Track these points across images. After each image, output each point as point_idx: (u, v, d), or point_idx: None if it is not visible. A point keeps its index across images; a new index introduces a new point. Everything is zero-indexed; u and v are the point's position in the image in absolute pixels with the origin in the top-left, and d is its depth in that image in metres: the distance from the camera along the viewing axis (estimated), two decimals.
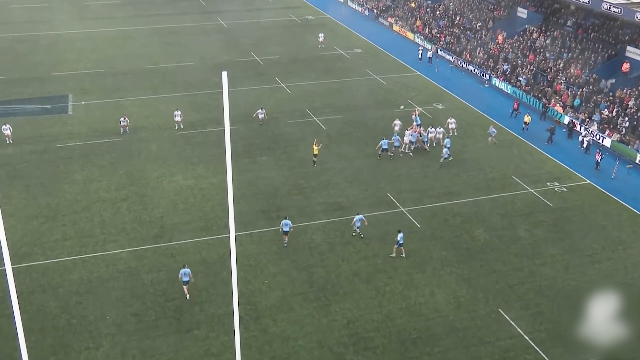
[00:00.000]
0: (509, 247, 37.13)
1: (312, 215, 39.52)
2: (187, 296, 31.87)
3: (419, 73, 66.62)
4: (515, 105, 56.19)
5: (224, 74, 16.24)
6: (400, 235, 35.47)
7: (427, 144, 48.62)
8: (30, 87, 60.03)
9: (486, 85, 64.19)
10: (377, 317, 31.23)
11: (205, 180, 43.65)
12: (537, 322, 31.10)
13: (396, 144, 46.92)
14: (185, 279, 31.83)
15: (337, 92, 60.47)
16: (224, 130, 17.07)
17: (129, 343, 29.14)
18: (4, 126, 47.10)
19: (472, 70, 67.16)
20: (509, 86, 61.69)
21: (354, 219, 37.02)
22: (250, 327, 30.24)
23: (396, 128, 49.01)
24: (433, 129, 49.27)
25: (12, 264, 16.53)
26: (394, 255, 35.53)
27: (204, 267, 34.52)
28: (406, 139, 47.74)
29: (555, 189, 43.56)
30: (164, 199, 41.01)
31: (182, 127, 50.50)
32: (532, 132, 51.79)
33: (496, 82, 63.44)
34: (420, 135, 48.64)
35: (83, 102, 56.62)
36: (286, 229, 35.88)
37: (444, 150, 45.88)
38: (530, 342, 29.75)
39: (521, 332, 30.33)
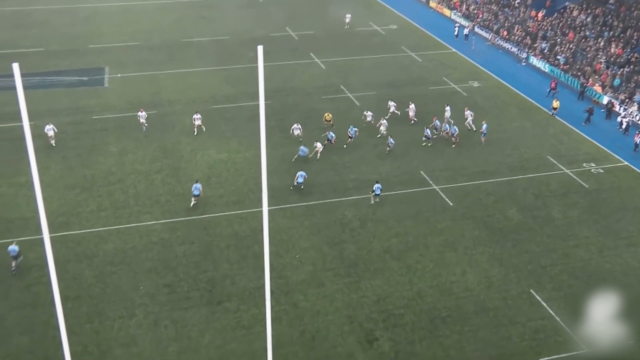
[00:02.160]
0: (543, 228, 36.53)
1: (344, 191, 39.35)
2: (192, 204, 36.24)
3: (455, 50, 65.47)
4: (553, 85, 54.89)
5: (260, 48, 16.01)
6: (376, 186, 37.33)
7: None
8: (68, 59, 60.61)
9: (523, 64, 62.82)
10: (407, 295, 31.10)
11: (239, 154, 43.73)
12: (569, 304, 30.63)
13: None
14: (196, 192, 36.36)
15: (371, 68, 59.79)
16: (259, 104, 16.89)
17: (161, 313, 29.55)
18: (47, 126, 43.22)
19: (510, 48, 65.75)
20: (547, 65, 60.27)
21: (374, 187, 37.65)
22: (281, 301, 30.38)
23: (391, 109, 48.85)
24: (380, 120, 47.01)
25: (49, 233, 16.71)
26: (372, 202, 37.74)
27: (236, 241, 34.72)
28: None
29: (592, 170, 42.63)
30: (197, 172, 41.23)
31: (204, 129, 45.81)
32: (569, 112, 50.57)
33: (534, 60, 62.03)
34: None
35: (119, 75, 57.02)
36: (300, 180, 38.57)
37: (389, 140, 43.85)
38: (562, 323, 29.36)
39: (552, 314, 29.94)
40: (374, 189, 37.73)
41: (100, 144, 44.65)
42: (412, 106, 48.73)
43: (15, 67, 14.69)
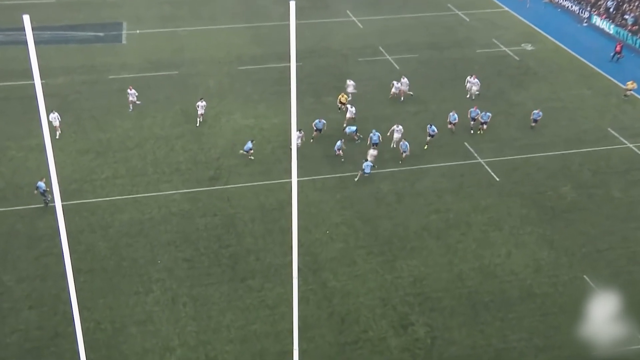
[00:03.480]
0: (600, 208, 35.88)
1: (380, 162, 39.06)
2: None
3: (507, 9, 64.08)
4: (618, 48, 53.41)
5: (292, 4, 15.74)
6: (366, 164, 36.83)
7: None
8: (82, 12, 60.93)
9: (585, 24, 61.24)
10: (446, 277, 30.95)
11: (266, 120, 43.69)
12: (628, 293, 30.13)
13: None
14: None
15: (413, 28, 58.92)
16: (289, 66, 16.69)
17: (180, 290, 29.90)
18: (52, 115, 40.53)
19: (570, 7, 64.13)
20: (612, 26, 58.63)
21: (363, 165, 37.21)
22: (309, 279, 30.51)
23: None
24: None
25: (61, 201, 16.88)
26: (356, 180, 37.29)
27: (262, 214, 34.85)
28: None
29: None
30: (221, 138, 41.34)
31: (201, 121, 42.98)
32: (636, 79, 49.18)
33: (597, 20, 60.41)
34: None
35: (138, 31, 57.20)
36: (367, 170, 37.22)
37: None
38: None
39: None
40: (363, 167, 37.02)
41: (117, 106, 44.95)
42: (404, 80, 46.16)
43: (26, 19, 14.69)
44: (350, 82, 45.95)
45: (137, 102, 44.48)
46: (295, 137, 17.35)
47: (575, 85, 49.35)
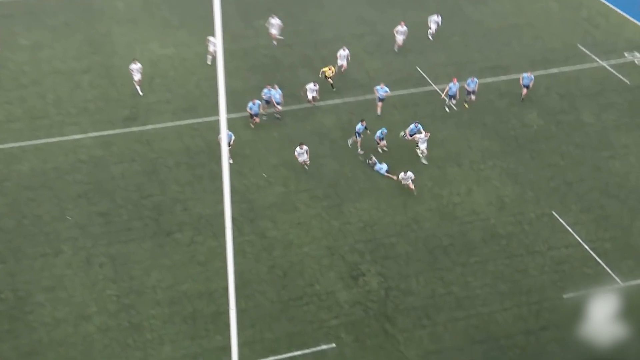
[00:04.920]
0: (570, 136, 36.61)
1: (321, 93, 38.79)
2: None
3: None
4: None
5: None
6: (359, 127, 34.55)
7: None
8: None
9: None
10: (400, 220, 31.26)
11: (188, 48, 42.81)
12: (600, 228, 31.05)
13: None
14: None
15: None
16: None
17: (95, 248, 29.43)
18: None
19: None
20: None
21: (356, 128, 34.99)
22: (245, 230, 30.40)
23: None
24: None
25: None
26: (361, 152, 34.84)
27: (188, 157, 34.45)
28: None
29: (635, 62, 42.44)
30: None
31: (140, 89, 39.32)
32: None
33: None
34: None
35: None
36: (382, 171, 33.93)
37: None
38: (591, 252, 29.81)
39: (580, 241, 30.36)
40: (356, 129, 35.18)
41: (6, 36, 43.33)
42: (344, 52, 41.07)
43: None
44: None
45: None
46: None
47: None
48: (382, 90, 36.95)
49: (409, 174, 32.14)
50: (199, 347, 25.40)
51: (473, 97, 38.27)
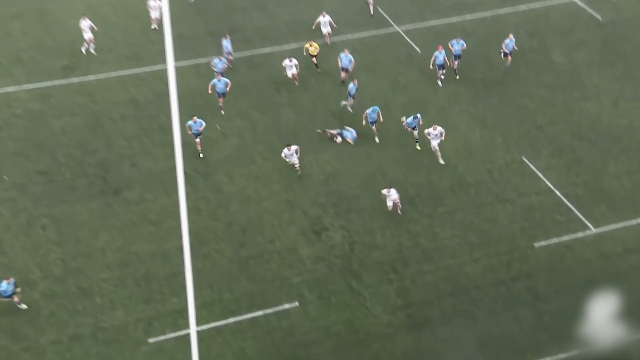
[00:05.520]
0: (539, 77, 36.84)
1: (277, 38, 38.57)
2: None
3: None
4: None
5: None
6: (351, 86, 33.82)
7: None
8: None
9: None
10: (364, 171, 31.29)
11: None
12: (572, 173, 31.47)
13: None
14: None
15: None
16: None
17: (37, 210, 29.08)
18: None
19: None
20: None
21: (350, 89, 35.75)
22: (199, 186, 30.20)
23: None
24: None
25: None
26: (345, 103, 34.26)
27: (135, 110, 34.06)
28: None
29: None
30: (72, 17, 39.29)
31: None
32: None
33: None
34: None
35: None
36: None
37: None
38: (563, 198, 30.23)
39: (551, 186, 30.74)
40: (347, 90, 34.28)
41: None
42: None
43: None
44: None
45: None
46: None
47: None
48: (346, 58, 35.45)
49: (392, 192, 28.61)
50: (154, 310, 25.33)
51: (456, 62, 36.44)
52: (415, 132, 32.17)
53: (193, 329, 18.16)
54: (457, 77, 36.65)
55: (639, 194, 30.38)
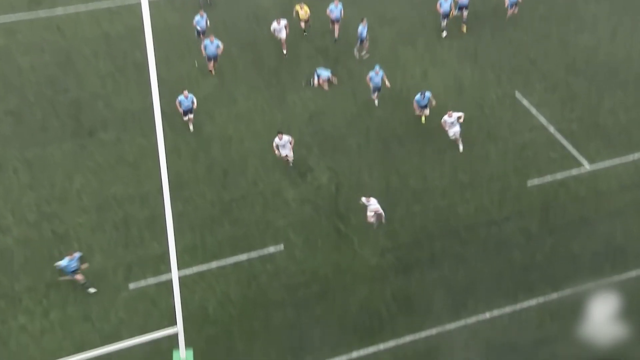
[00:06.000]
0: (534, 7, 36.82)
1: None
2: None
3: None
4: None
5: None
6: (361, 28, 33.21)
7: None
8: None
9: None
10: (350, 109, 31.29)
11: None
12: (567, 108, 31.62)
13: None
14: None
15: None
16: None
17: (7, 152, 29.07)
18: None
19: None
20: None
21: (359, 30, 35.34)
22: (178, 126, 30.10)
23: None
24: None
25: None
26: (361, 53, 33.92)
27: (108, 46, 33.79)
28: None
29: None
30: None
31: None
32: None
33: None
34: None
35: None
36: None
37: None
38: (557, 134, 30.43)
39: (544, 123, 30.91)
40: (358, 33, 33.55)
41: None
42: None
43: None
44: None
45: None
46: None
47: None
48: (337, 9, 33.87)
49: (372, 201, 26.32)
50: (134, 255, 25.54)
51: (465, 13, 35.41)
52: (427, 111, 30.50)
53: (175, 274, 18.35)
54: (465, 29, 35.62)
55: (635, 129, 30.62)
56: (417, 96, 30.22)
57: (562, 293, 24.53)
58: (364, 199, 26.32)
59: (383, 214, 26.26)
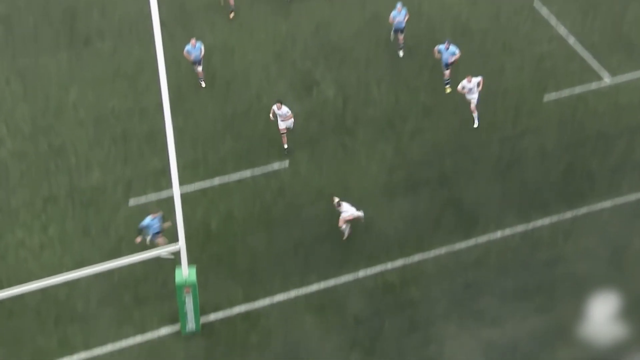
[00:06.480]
0: None
1: None
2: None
3: None
4: None
5: None
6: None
7: None
8: None
9: None
10: (358, 19, 31.07)
11: None
12: (588, 18, 31.34)
13: None
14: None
15: None
16: None
17: None
18: None
19: None
20: None
21: None
22: (178, 36, 29.93)
23: None
24: None
25: None
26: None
27: None
28: None
29: None
30: None
31: None
32: None
33: None
34: None
35: None
36: None
37: None
38: (577, 46, 30.21)
39: (563, 34, 30.67)
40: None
41: None
42: None
43: None
44: None
45: None
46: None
47: None
48: (400, 15, 29.67)
49: (345, 207, 23.65)
50: (133, 170, 25.79)
51: None
52: (448, 72, 28.45)
53: (176, 190, 18.56)
54: None
55: None
56: (441, 46, 28.03)
57: (576, 212, 24.71)
58: (335, 201, 23.87)
59: (362, 214, 23.74)
